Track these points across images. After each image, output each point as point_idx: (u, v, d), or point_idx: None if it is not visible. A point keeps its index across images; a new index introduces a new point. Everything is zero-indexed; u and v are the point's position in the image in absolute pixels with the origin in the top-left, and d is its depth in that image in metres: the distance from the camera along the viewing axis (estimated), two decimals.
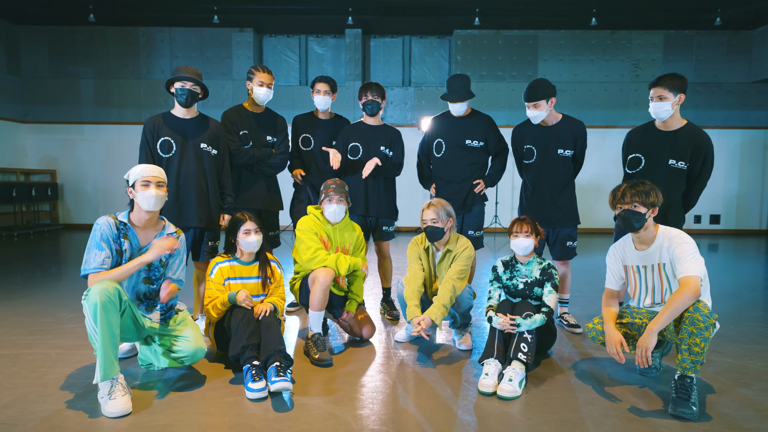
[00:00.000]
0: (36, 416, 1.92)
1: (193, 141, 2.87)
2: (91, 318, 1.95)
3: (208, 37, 8.76)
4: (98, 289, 1.97)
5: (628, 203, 2.16)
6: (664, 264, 2.17)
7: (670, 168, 2.70)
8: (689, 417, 1.93)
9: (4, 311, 3.42)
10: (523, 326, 2.33)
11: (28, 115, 8.78)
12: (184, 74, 2.78)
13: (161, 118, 2.88)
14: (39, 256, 6.02)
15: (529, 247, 2.56)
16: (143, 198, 2.18)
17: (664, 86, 2.60)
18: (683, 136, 2.68)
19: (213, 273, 2.52)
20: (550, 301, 2.49)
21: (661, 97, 2.61)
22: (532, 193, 3.14)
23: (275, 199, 3.31)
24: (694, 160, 2.69)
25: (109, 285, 1.99)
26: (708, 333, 1.96)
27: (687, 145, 2.67)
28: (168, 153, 2.83)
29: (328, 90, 3.36)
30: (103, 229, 2.14)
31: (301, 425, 1.88)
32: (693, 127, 2.72)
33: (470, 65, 8.74)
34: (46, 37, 8.67)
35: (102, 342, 1.95)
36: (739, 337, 2.96)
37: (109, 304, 1.96)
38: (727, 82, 8.70)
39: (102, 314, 1.94)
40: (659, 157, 2.73)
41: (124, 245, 2.16)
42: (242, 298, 2.40)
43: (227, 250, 2.61)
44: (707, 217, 8.89)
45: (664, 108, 2.62)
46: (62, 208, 8.88)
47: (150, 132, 2.83)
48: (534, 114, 3.01)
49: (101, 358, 1.95)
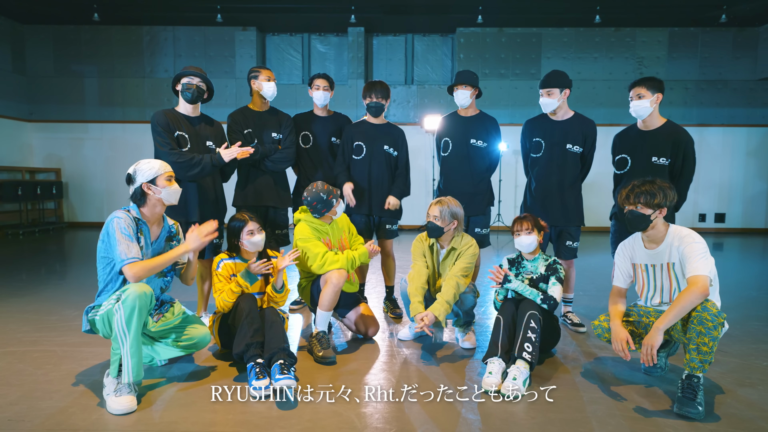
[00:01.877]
0: (42, 413, 1.93)
1: (203, 138, 2.91)
2: (125, 319, 1.95)
3: (212, 35, 8.78)
4: (137, 292, 1.96)
5: (632, 204, 2.15)
6: (674, 263, 2.16)
7: (654, 165, 2.82)
8: (695, 417, 1.92)
9: (10, 309, 3.44)
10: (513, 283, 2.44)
11: (33, 113, 8.82)
12: (191, 71, 2.83)
13: (173, 112, 2.89)
14: (44, 254, 6.06)
15: (532, 244, 2.56)
16: (169, 193, 2.20)
17: (643, 85, 2.77)
18: (663, 134, 2.83)
19: (219, 267, 2.53)
20: (554, 292, 2.49)
21: (640, 96, 2.77)
22: (538, 189, 3.13)
23: (283, 196, 3.30)
24: (674, 156, 2.81)
25: (147, 288, 2.00)
26: (716, 332, 1.94)
27: (667, 142, 2.80)
28: (182, 148, 2.84)
29: (327, 86, 3.36)
30: (126, 222, 2.11)
31: (304, 423, 1.88)
32: (672, 124, 2.86)
33: (473, 63, 8.71)
34: (51, 37, 8.70)
35: (134, 345, 1.96)
36: (745, 337, 2.95)
37: (145, 308, 1.98)
38: (733, 79, 8.64)
39: (138, 318, 1.96)
40: (643, 155, 2.86)
41: (141, 241, 2.17)
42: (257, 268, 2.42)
43: (230, 250, 2.62)
44: (712, 215, 8.84)
45: (643, 105, 2.77)
46: (67, 206, 8.92)
47: (164, 125, 2.79)
48: (546, 102, 3.02)
49: (134, 361, 1.96)
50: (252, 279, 2.47)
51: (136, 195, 2.18)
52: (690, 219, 8.73)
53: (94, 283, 2.28)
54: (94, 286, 2.23)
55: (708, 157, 8.64)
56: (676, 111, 8.65)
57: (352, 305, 2.85)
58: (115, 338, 1.98)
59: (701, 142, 8.66)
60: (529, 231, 2.55)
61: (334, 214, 2.77)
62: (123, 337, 1.96)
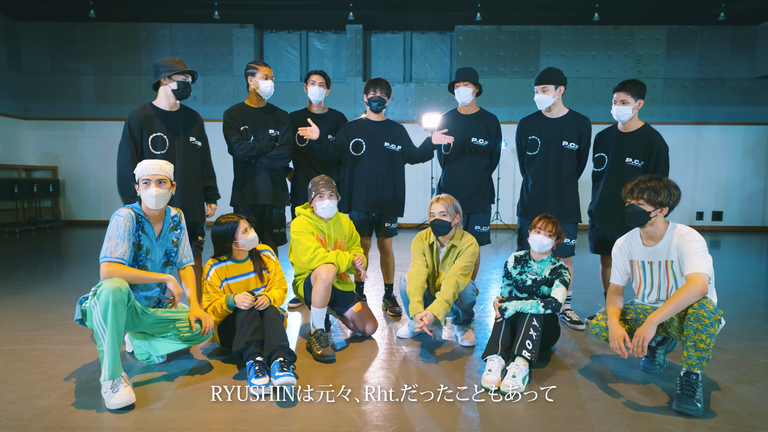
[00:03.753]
0: (40, 411, 1.93)
1: (184, 136, 2.84)
2: (101, 316, 1.94)
3: (209, 33, 8.73)
4: (111, 287, 1.96)
5: (635, 199, 2.14)
6: (672, 261, 2.16)
7: (627, 165, 2.91)
8: (694, 413, 1.92)
9: (7, 307, 3.43)
10: (510, 309, 2.39)
11: (29, 111, 8.77)
12: (182, 68, 2.75)
13: (149, 111, 2.76)
14: (41, 253, 6.03)
15: (547, 246, 2.55)
16: (145, 197, 2.20)
17: (627, 92, 2.85)
18: (638, 137, 2.92)
19: (209, 276, 2.51)
20: (556, 294, 2.48)
21: (623, 102, 2.87)
22: (534, 186, 3.14)
23: (281, 194, 3.28)
24: (647, 158, 2.89)
25: (122, 283, 1.99)
26: (713, 329, 1.95)
27: (641, 145, 2.90)
28: (161, 149, 2.74)
29: (322, 82, 3.35)
30: (126, 222, 2.13)
31: (304, 420, 1.88)
32: (648, 128, 2.95)
33: (471, 61, 8.70)
34: (47, 34, 8.64)
35: (111, 341, 1.95)
36: (742, 334, 2.96)
37: (120, 303, 1.97)
38: (731, 77, 8.64)
39: (113, 313, 1.94)
40: (618, 155, 2.95)
41: (142, 239, 2.19)
42: (240, 300, 2.38)
43: (220, 254, 2.56)
44: (710, 213, 8.87)
45: (625, 111, 2.87)
46: (64, 204, 8.88)
47: (138, 127, 2.71)
48: (541, 98, 3.02)
49: (110, 357, 1.95)
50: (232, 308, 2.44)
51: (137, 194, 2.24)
52: (687, 217, 8.75)
53: (91, 282, 2.28)
54: (91, 284, 2.22)
55: (706, 156, 8.66)
56: (674, 109, 8.67)
57: (350, 303, 2.85)
58: (96, 335, 1.99)
59: (699, 140, 8.69)
60: (550, 234, 2.53)
61: (315, 208, 2.77)
62: (102, 333, 1.96)
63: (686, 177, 8.61)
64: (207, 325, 2.27)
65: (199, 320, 2.27)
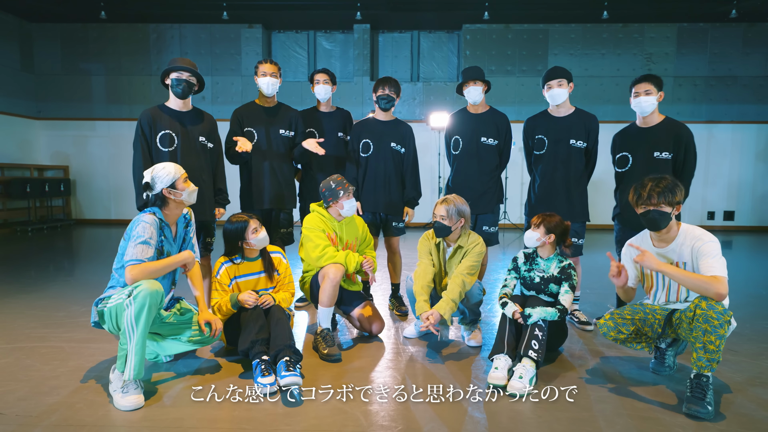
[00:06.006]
0: (49, 408, 1.95)
1: (193, 134, 2.85)
2: (134, 316, 1.95)
3: (218, 33, 8.79)
4: (150, 290, 1.96)
5: (655, 204, 2.10)
6: (685, 263, 2.12)
7: (656, 159, 2.86)
8: (704, 416, 1.89)
9: (19, 305, 3.47)
10: (534, 316, 2.31)
11: (41, 111, 8.89)
12: (180, 65, 2.77)
13: (158, 110, 2.83)
14: (52, 251, 6.11)
15: (531, 239, 2.55)
16: (189, 193, 2.24)
17: (651, 82, 2.82)
18: (663, 129, 2.87)
19: (219, 274, 2.53)
20: (565, 300, 2.46)
21: (647, 92, 2.82)
22: (542, 186, 3.11)
23: (287, 196, 3.28)
24: (676, 150, 2.84)
25: (158, 286, 2.01)
26: (723, 330, 1.91)
27: (668, 137, 2.85)
28: (169, 147, 2.78)
29: (327, 79, 3.36)
30: (152, 228, 2.13)
31: (310, 420, 1.88)
32: (672, 120, 2.91)
33: (479, 60, 8.66)
34: (59, 35, 8.75)
35: (139, 342, 1.97)
36: (754, 336, 2.91)
37: (155, 306, 1.99)
38: (743, 75, 8.51)
39: (147, 315, 1.96)
40: (645, 151, 2.89)
41: (164, 243, 2.21)
42: (245, 298, 2.41)
43: (231, 253, 2.58)
44: (721, 213, 8.74)
45: (651, 102, 2.81)
46: (75, 203, 8.99)
47: (148, 125, 2.77)
48: (558, 92, 3.00)
49: (137, 358, 1.97)
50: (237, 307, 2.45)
51: (156, 200, 2.20)
52: (699, 217, 8.63)
53: (102, 280, 2.30)
54: (101, 282, 2.25)
55: (717, 154, 8.54)
56: (685, 107, 8.55)
57: (357, 303, 2.85)
58: (123, 333, 1.99)
59: (710, 139, 8.56)
60: (537, 226, 2.53)
61: (341, 207, 2.75)
62: (131, 333, 1.96)
63: (697, 176, 8.40)
64: (216, 328, 2.29)
65: (208, 323, 2.29)
